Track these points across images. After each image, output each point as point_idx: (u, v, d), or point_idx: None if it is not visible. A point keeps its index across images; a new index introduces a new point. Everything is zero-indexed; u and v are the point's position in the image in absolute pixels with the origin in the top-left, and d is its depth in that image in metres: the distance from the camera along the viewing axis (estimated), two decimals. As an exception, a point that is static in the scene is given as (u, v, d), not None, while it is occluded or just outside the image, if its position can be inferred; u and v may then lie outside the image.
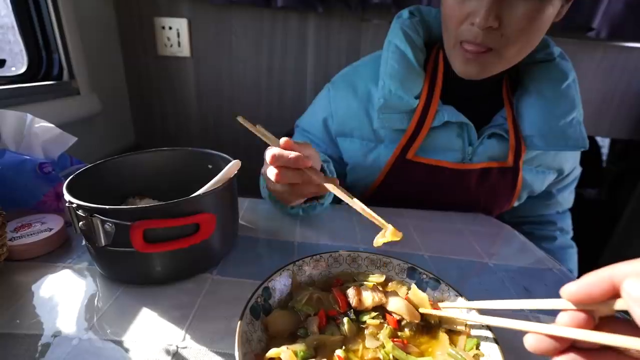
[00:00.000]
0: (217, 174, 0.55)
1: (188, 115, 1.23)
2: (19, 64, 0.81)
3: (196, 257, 0.45)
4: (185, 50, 1.14)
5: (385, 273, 0.44)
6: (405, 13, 0.70)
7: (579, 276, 0.53)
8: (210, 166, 0.58)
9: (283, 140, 0.47)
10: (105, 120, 1.02)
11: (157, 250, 0.40)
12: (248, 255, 0.52)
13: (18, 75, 0.80)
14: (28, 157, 0.59)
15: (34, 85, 0.78)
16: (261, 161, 0.52)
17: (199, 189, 0.60)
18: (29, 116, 0.61)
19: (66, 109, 0.84)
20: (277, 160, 0.46)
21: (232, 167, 0.46)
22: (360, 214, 0.43)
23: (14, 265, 0.47)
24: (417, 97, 0.67)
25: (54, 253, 0.51)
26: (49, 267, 0.48)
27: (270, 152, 0.46)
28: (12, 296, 0.42)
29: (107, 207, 0.38)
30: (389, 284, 0.43)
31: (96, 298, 0.42)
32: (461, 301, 0.38)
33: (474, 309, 0.35)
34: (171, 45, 1.13)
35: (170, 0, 1.09)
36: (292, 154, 0.45)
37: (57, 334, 0.37)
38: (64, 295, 0.43)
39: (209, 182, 0.48)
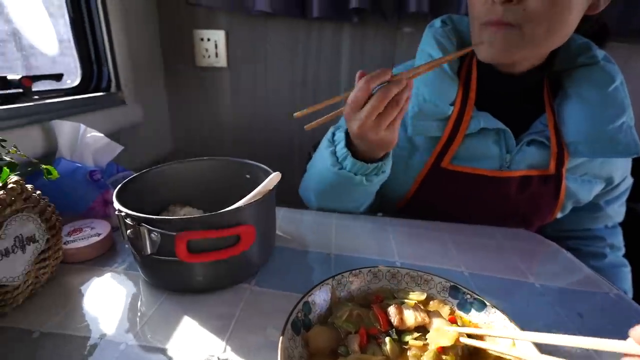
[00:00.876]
0: (255, 184, 0.56)
1: (223, 123, 1.26)
2: (72, 77, 0.86)
3: (235, 267, 0.46)
4: (222, 61, 1.17)
5: (426, 291, 0.42)
6: (437, 22, 0.70)
7: (634, 298, 0.50)
8: (248, 176, 0.60)
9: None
10: (145, 129, 1.07)
11: (199, 260, 0.41)
12: (285, 266, 0.52)
13: (72, 87, 0.86)
14: (80, 165, 0.62)
15: (86, 97, 0.83)
16: (295, 170, 0.53)
17: (236, 198, 0.61)
18: (82, 126, 0.65)
19: (113, 119, 0.88)
20: (367, 82, 0.50)
21: (273, 179, 0.46)
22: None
23: (66, 267, 0.50)
24: (451, 104, 0.66)
25: (102, 257, 0.54)
26: (96, 270, 0.50)
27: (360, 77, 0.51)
28: (65, 297, 0.44)
29: (154, 217, 0.40)
30: (430, 302, 0.42)
31: (140, 303, 0.44)
32: (511, 328, 0.36)
33: (528, 341, 0.33)
34: (209, 56, 1.17)
35: (209, 13, 1.13)
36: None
37: (103, 336, 0.38)
38: (110, 298, 0.44)
39: (246, 191, 0.49)
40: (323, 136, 1.09)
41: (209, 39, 1.15)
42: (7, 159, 0.40)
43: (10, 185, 0.41)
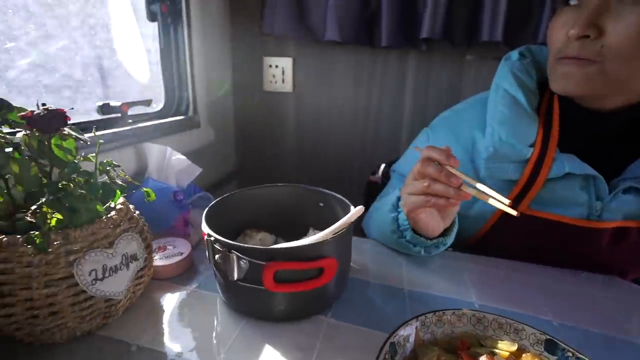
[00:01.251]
0: (328, 212, 0.57)
1: (285, 147, 1.30)
2: (157, 102, 0.94)
3: (315, 298, 0.46)
4: (288, 86, 1.22)
5: (517, 341, 0.40)
6: (514, 55, 0.66)
7: None
8: (321, 204, 0.61)
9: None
10: (212, 150, 1.13)
11: (284, 290, 0.42)
12: (358, 299, 0.51)
13: (156, 111, 0.93)
14: (166, 186, 0.67)
15: (170, 121, 0.90)
16: (354, 195, 0.53)
17: (309, 224, 0.62)
18: (169, 149, 0.70)
19: (189, 141, 0.95)
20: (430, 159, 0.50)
21: (355, 213, 0.47)
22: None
23: (152, 283, 0.53)
24: (531, 145, 0.60)
25: (182, 276, 0.57)
26: (178, 289, 0.53)
27: (427, 152, 0.50)
28: (154, 314, 0.47)
29: (245, 245, 0.41)
30: (523, 355, 0.39)
31: (220, 326, 0.45)
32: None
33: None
34: (275, 82, 1.23)
35: (279, 42, 1.19)
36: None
37: (179, 355, 0.40)
38: (192, 318, 0.47)
39: (319, 219, 0.49)
40: (381, 160, 1.10)
41: (276, 66, 1.21)
42: (119, 182, 0.44)
43: (119, 206, 0.45)
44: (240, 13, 1.20)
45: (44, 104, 0.35)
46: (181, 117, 0.95)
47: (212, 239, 0.45)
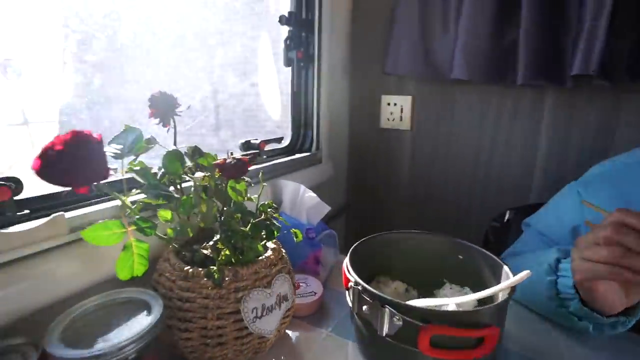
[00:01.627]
0: (467, 266, 0.52)
1: (399, 185, 1.27)
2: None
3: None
4: (405, 124, 1.21)
5: None
6: None
7: None
8: (460, 257, 0.56)
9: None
10: (329, 184, 1.16)
11: (440, 356, 0.39)
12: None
13: (283, 148, 1.01)
14: (299, 223, 0.70)
15: (299, 157, 0.96)
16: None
17: (444, 276, 0.58)
18: (302, 187, 0.74)
19: (312, 176, 0.99)
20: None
21: (521, 277, 0.41)
22: None
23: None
24: None
25: (314, 316, 0.57)
26: (313, 329, 0.53)
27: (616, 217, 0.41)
28: (289, 354, 0.48)
29: (401, 302, 0.39)
30: None
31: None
32: None
33: None
34: (393, 119, 1.23)
35: (400, 81, 1.19)
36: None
37: None
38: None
39: (457, 272, 0.45)
40: (504, 206, 0.99)
41: (395, 104, 1.21)
42: (276, 223, 0.47)
43: (273, 246, 0.48)
44: (361, 54, 1.24)
45: (231, 153, 0.40)
46: (307, 154, 1.00)
47: (359, 287, 0.44)
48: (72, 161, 0.28)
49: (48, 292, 0.41)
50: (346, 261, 0.50)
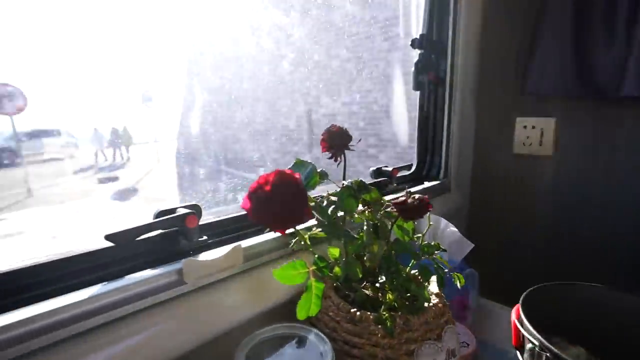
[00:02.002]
0: None
1: (534, 217, 1.12)
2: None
3: None
4: (546, 149, 1.06)
5: None
6: None
7: None
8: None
9: None
10: (459, 215, 1.07)
11: None
12: None
13: (409, 174, 0.96)
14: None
15: (429, 186, 0.90)
16: None
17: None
18: (444, 221, 0.68)
19: (441, 206, 0.92)
20: None
21: None
22: None
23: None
24: None
25: (470, 372, 0.50)
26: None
27: None
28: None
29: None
30: None
31: None
32: None
33: None
34: (530, 144, 1.09)
35: (538, 102, 1.06)
36: None
37: None
38: None
39: None
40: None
41: (533, 127, 1.08)
42: (442, 267, 0.43)
43: (436, 291, 0.44)
44: (492, 74, 1.14)
45: (409, 192, 0.37)
46: (436, 182, 0.94)
47: (547, 354, 0.37)
48: (279, 203, 0.29)
49: (221, 321, 0.42)
50: (519, 313, 0.43)
